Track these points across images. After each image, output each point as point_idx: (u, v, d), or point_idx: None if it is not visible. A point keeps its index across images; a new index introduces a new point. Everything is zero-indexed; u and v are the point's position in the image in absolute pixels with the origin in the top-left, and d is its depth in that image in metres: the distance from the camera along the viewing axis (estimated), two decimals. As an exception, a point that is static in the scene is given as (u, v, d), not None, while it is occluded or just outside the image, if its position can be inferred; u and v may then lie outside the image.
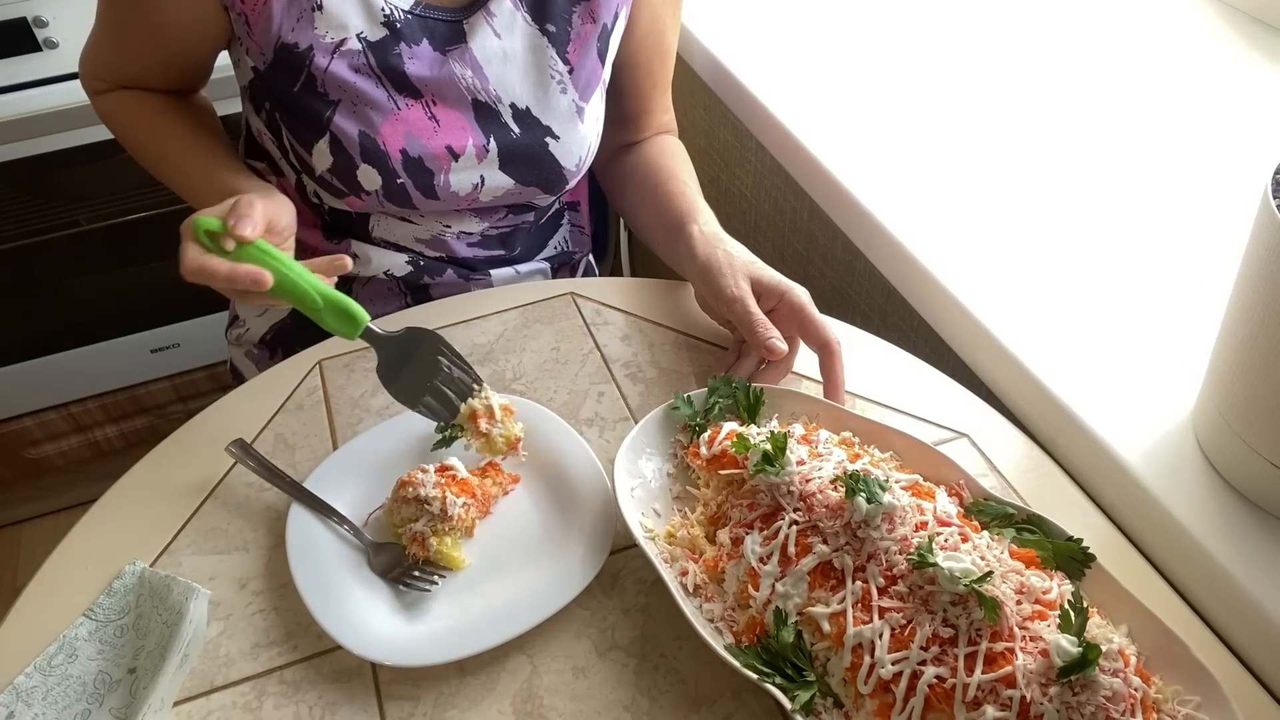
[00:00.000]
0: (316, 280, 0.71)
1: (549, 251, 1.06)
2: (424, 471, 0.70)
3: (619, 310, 0.91)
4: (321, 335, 0.89)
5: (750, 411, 0.75)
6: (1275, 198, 0.59)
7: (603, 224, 1.28)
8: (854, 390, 0.82)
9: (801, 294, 0.80)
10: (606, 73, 0.93)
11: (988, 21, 1.26)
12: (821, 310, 0.91)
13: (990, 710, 0.53)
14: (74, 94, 1.36)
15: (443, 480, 0.70)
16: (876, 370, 0.85)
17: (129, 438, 1.77)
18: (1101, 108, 1.08)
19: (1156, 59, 1.14)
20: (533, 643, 0.65)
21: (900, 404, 0.81)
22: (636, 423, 0.74)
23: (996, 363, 0.83)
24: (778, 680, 0.58)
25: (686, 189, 0.94)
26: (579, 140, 0.91)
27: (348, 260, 0.74)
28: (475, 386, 0.73)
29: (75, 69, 1.38)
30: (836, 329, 0.89)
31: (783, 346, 0.76)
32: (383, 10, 0.82)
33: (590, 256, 1.15)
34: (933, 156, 1.03)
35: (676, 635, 0.65)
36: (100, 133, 1.40)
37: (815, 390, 0.82)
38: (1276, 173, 0.61)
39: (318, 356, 0.87)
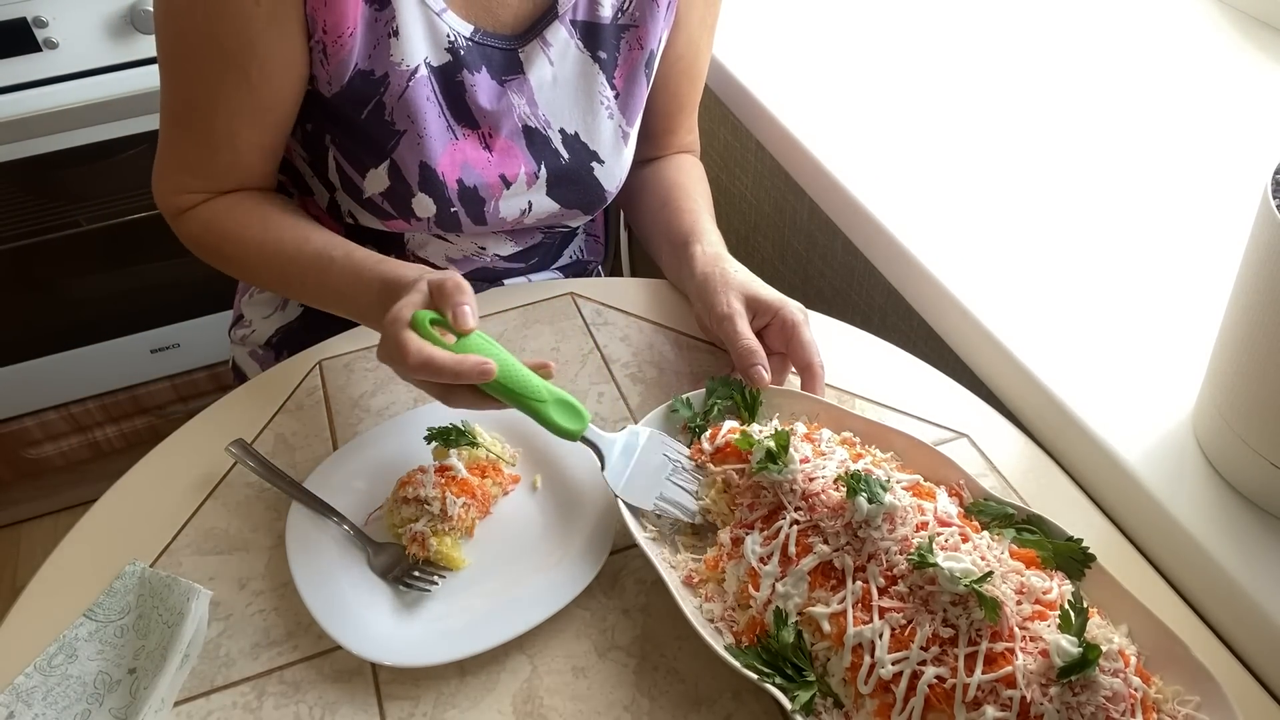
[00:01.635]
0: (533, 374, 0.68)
1: (563, 261, 1.06)
2: (424, 471, 0.70)
3: (619, 310, 0.91)
4: (323, 336, 0.89)
5: (750, 412, 0.75)
6: (1275, 198, 0.59)
7: (603, 225, 1.28)
8: (854, 390, 0.82)
9: (795, 312, 0.78)
10: (646, 95, 0.93)
11: (988, 22, 1.26)
12: (821, 310, 0.91)
13: (990, 710, 0.53)
14: (74, 94, 1.36)
15: (443, 480, 0.70)
16: (876, 370, 0.85)
17: (129, 438, 1.77)
18: (1102, 108, 1.08)
19: (1156, 59, 1.14)
20: (533, 643, 0.65)
21: (900, 404, 0.81)
22: (636, 423, 0.74)
23: (996, 363, 0.83)
24: (778, 680, 0.58)
25: (696, 207, 0.94)
26: (622, 164, 0.92)
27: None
28: (697, 477, 0.70)
29: (75, 69, 1.39)
30: (836, 328, 0.89)
31: (764, 376, 0.75)
32: (448, 36, 0.81)
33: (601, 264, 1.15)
34: (933, 157, 1.03)
35: (676, 635, 0.65)
36: (100, 133, 1.40)
37: (815, 390, 0.82)
38: (1276, 173, 0.61)
39: (318, 356, 0.87)
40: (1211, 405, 0.70)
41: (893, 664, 0.56)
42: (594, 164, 0.90)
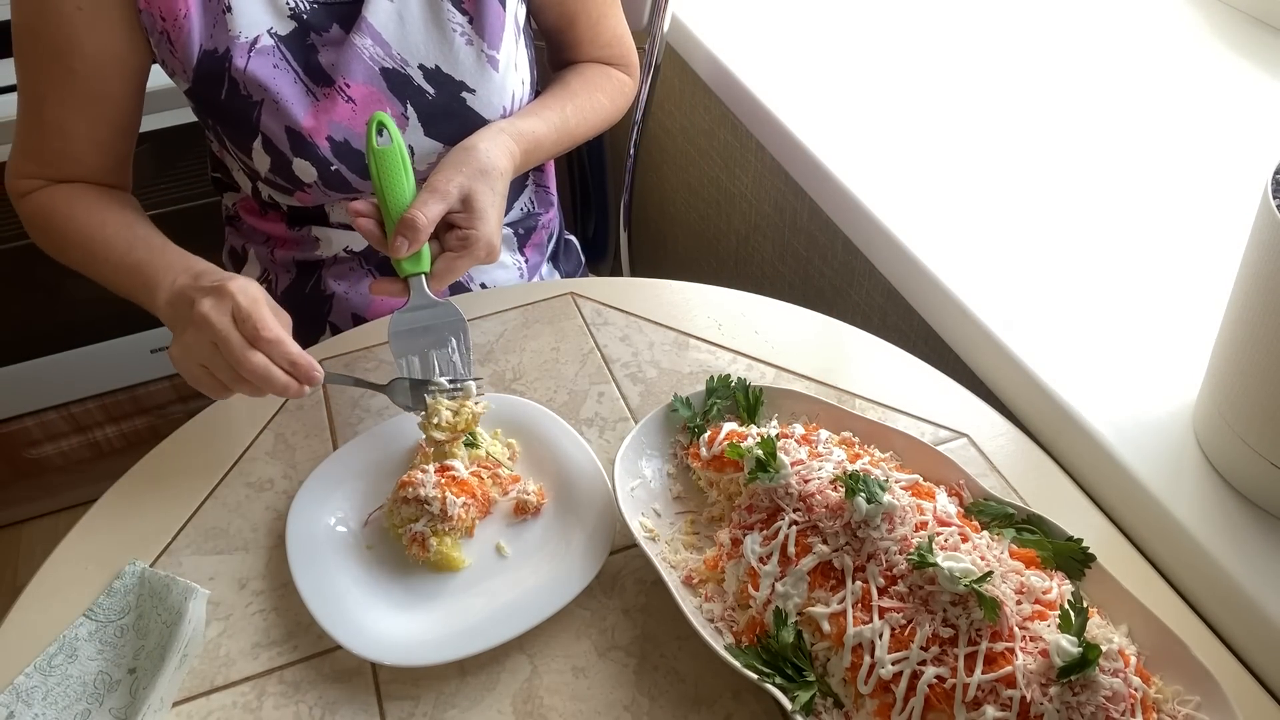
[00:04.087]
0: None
1: (513, 215, 1.06)
2: (424, 471, 0.70)
3: (619, 310, 0.91)
4: (297, 337, 0.90)
5: (750, 412, 0.74)
6: (1275, 198, 0.59)
7: (603, 226, 1.28)
8: (854, 390, 0.82)
9: (479, 240, 0.77)
10: (515, 15, 0.91)
11: (988, 22, 1.26)
12: (821, 310, 0.91)
13: (990, 710, 0.53)
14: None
15: (443, 480, 0.70)
16: (876, 370, 0.85)
17: (129, 438, 1.77)
18: (1101, 108, 1.08)
19: (1156, 59, 1.14)
20: (533, 643, 0.65)
21: (900, 404, 0.81)
22: (636, 423, 0.74)
23: (996, 363, 0.83)
24: (778, 680, 0.58)
25: (546, 101, 0.94)
26: (497, 89, 0.90)
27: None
28: (458, 388, 0.75)
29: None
30: (836, 328, 0.89)
31: (402, 247, 0.74)
32: (288, 4, 0.83)
33: (569, 236, 1.14)
34: (933, 156, 1.03)
35: (676, 635, 0.65)
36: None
37: (815, 390, 0.82)
38: (1276, 173, 0.61)
39: (317, 357, 0.87)
40: (1211, 405, 0.70)
41: (893, 664, 0.56)
42: (464, 94, 0.89)
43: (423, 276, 0.76)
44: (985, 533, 0.63)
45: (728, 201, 1.43)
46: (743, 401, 0.75)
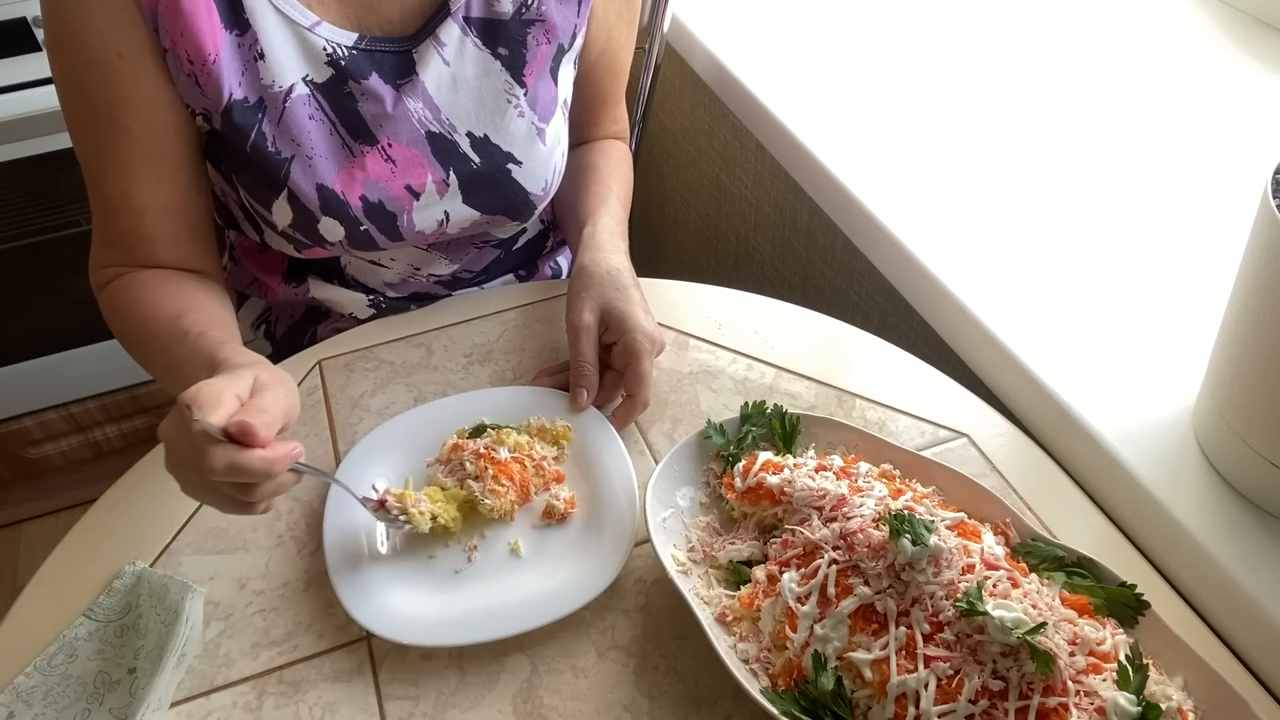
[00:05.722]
0: None
1: (516, 260, 1.04)
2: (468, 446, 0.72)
3: (619, 310, 0.91)
4: (309, 324, 0.89)
5: (786, 440, 0.72)
6: (1275, 198, 0.59)
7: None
8: (854, 390, 0.82)
9: (638, 342, 0.77)
10: (564, 92, 0.90)
11: (988, 22, 1.26)
12: (821, 310, 0.91)
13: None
14: (74, 94, 1.36)
15: (484, 452, 0.71)
16: (876, 370, 0.85)
17: (129, 438, 1.77)
18: (1101, 108, 1.08)
19: (1156, 59, 1.14)
20: (533, 643, 0.65)
21: (900, 404, 0.81)
22: (638, 428, 0.74)
23: (996, 363, 0.83)
24: None
25: (605, 190, 0.94)
26: (541, 163, 0.88)
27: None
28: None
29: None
30: (836, 328, 0.89)
31: (582, 399, 0.78)
32: (325, 50, 0.78)
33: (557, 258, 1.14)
34: (933, 156, 1.03)
35: (676, 635, 0.65)
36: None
37: (815, 390, 0.82)
38: (1276, 173, 0.61)
39: (317, 356, 0.87)
40: (1211, 405, 0.70)
41: (939, 716, 0.53)
42: (510, 165, 0.86)
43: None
44: (1034, 576, 0.60)
45: (728, 201, 1.43)
46: (779, 429, 0.72)
